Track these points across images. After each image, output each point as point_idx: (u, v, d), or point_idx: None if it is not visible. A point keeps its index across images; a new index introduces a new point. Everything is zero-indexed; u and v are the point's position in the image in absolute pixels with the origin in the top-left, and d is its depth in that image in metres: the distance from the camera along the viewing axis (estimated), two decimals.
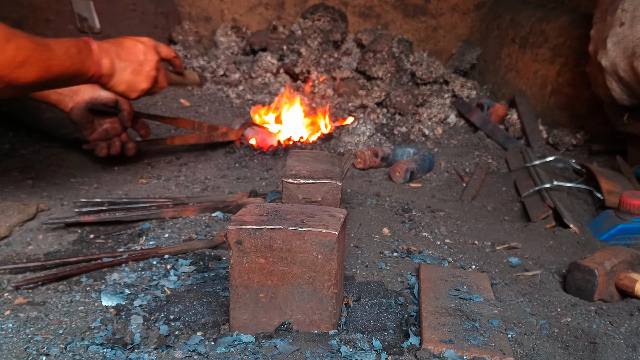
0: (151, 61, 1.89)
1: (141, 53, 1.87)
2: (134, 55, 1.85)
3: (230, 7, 3.73)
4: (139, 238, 1.66)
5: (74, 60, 1.66)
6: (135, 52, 1.86)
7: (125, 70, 1.82)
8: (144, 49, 1.88)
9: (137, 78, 1.86)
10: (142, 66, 1.86)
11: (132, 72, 1.84)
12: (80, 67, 1.70)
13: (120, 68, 1.81)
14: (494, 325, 1.21)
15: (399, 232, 1.77)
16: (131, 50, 1.85)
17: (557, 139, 2.83)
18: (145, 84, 1.89)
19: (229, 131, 2.46)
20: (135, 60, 1.85)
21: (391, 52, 3.31)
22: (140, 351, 1.12)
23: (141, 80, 1.87)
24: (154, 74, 1.90)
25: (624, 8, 2.20)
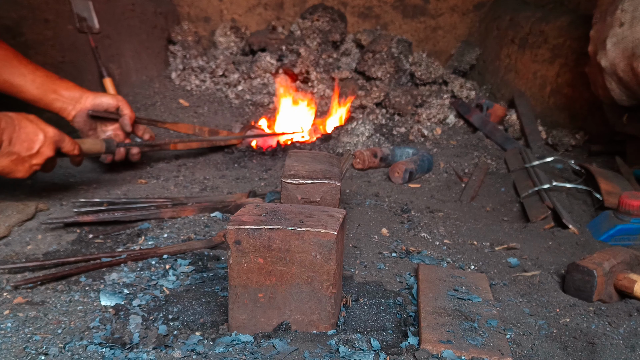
0: (42, 156, 1.76)
1: (37, 144, 1.74)
2: (27, 145, 1.73)
3: (229, 7, 3.73)
4: (138, 238, 1.66)
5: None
6: (30, 143, 1.73)
7: (7, 157, 1.69)
8: (42, 141, 1.75)
9: (16, 167, 1.72)
10: (30, 158, 1.73)
11: (12, 161, 1.70)
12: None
13: (4, 153, 1.68)
14: (493, 326, 1.21)
15: (398, 233, 1.78)
16: (27, 138, 1.73)
17: (556, 139, 2.83)
18: (20, 174, 1.74)
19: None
20: (25, 150, 1.72)
21: (390, 52, 3.31)
22: (139, 351, 1.12)
23: (19, 170, 1.73)
24: (37, 168, 1.76)
25: (624, 8, 2.20)
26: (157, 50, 3.34)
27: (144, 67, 3.20)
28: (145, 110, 2.97)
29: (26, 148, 1.71)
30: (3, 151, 1.67)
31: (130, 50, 3.12)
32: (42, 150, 1.74)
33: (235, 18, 3.74)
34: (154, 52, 3.30)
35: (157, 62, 3.32)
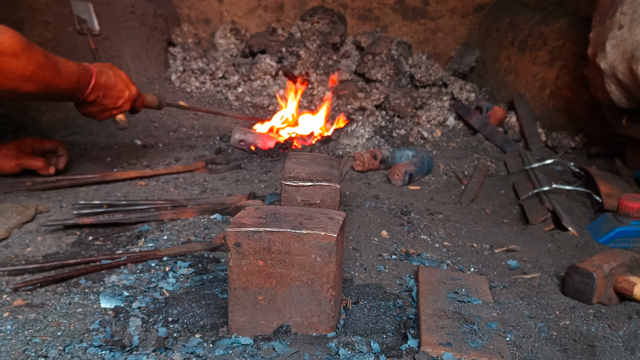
0: (121, 109, 2.09)
1: (122, 101, 2.06)
2: (115, 101, 2.04)
3: (229, 9, 3.73)
4: (138, 240, 1.66)
5: (72, 86, 1.84)
6: (117, 99, 2.05)
7: (97, 107, 2.02)
8: (126, 98, 2.07)
9: (100, 114, 2.06)
10: (112, 109, 2.07)
11: (99, 111, 2.04)
12: (73, 94, 1.89)
13: (97, 104, 2.00)
14: (493, 328, 1.21)
15: (398, 235, 1.78)
16: (116, 95, 2.04)
17: (556, 141, 2.83)
18: (98, 118, 2.08)
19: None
20: (112, 104, 2.04)
21: (390, 54, 3.31)
22: (139, 353, 1.12)
23: (100, 116, 2.07)
24: (112, 116, 2.11)
25: (623, 11, 2.20)
26: (157, 52, 3.34)
27: (144, 69, 3.20)
28: (145, 112, 2.97)
29: (113, 103, 2.03)
30: (97, 102, 1.98)
31: (130, 52, 3.12)
32: (124, 105, 2.07)
33: (235, 20, 3.74)
34: (154, 54, 3.30)
35: (157, 64, 3.33)
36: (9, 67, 1.60)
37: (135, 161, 2.39)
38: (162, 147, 2.62)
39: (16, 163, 2.01)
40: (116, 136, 2.70)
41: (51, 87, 1.74)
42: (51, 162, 2.10)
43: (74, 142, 2.52)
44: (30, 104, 2.62)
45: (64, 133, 2.62)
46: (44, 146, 2.10)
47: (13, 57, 1.60)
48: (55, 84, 1.75)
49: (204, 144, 2.70)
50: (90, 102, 1.98)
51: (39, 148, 2.09)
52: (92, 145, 2.55)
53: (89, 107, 2.01)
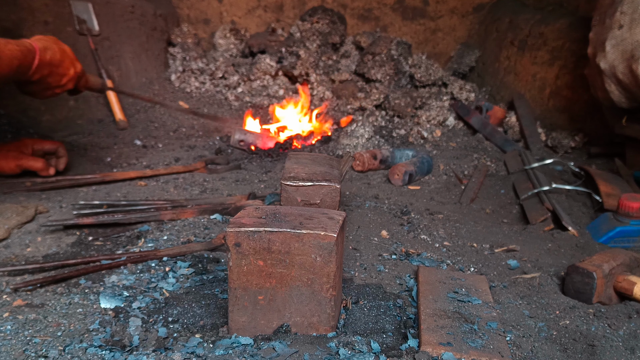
0: (64, 88, 2.02)
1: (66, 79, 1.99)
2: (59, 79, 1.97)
3: (229, 9, 3.73)
4: (138, 240, 1.66)
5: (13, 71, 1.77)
6: (61, 77, 1.97)
7: (40, 85, 1.94)
8: (71, 76, 2.00)
9: (41, 93, 1.98)
10: (55, 88, 1.99)
11: (42, 89, 1.97)
12: (15, 78, 1.82)
13: (40, 82, 1.92)
14: (493, 328, 1.21)
15: (398, 235, 1.78)
16: (61, 72, 1.96)
17: (555, 141, 2.83)
18: (39, 97, 2.01)
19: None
20: (55, 82, 1.97)
21: (390, 54, 3.31)
22: (139, 353, 1.12)
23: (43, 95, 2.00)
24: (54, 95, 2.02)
25: (623, 11, 2.20)
26: (157, 52, 3.34)
27: (143, 69, 3.20)
28: (145, 112, 2.97)
29: (57, 81, 1.96)
30: (40, 81, 1.91)
31: (129, 52, 3.12)
32: (67, 84, 2.00)
33: (235, 20, 3.74)
34: (154, 54, 3.30)
35: (156, 64, 3.33)
36: None
37: (135, 161, 2.39)
38: (161, 148, 2.62)
39: (16, 164, 2.01)
40: (116, 136, 2.70)
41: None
42: (51, 163, 2.10)
43: (73, 143, 2.52)
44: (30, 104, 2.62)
45: (64, 133, 2.62)
46: (44, 147, 2.10)
47: None
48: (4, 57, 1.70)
49: (204, 144, 2.70)
50: (33, 82, 1.91)
51: (39, 149, 2.09)
52: (92, 145, 2.55)
53: (30, 86, 1.94)
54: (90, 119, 2.81)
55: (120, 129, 2.78)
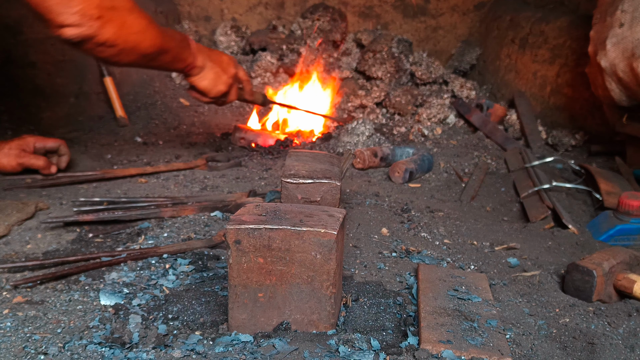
0: (231, 72, 2.15)
1: (225, 63, 2.14)
2: (220, 62, 2.12)
3: (230, 6, 3.73)
4: (138, 237, 1.66)
5: (178, 44, 1.93)
6: (221, 60, 2.13)
7: (211, 70, 2.08)
8: (227, 60, 2.15)
9: (218, 79, 2.11)
10: (224, 72, 2.12)
11: (215, 74, 2.10)
12: (181, 53, 1.96)
13: (208, 66, 2.07)
14: (493, 326, 1.21)
15: (398, 232, 1.78)
16: (218, 57, 2.13)
17: (556, 139, 2.83)
18: (222, 87, 2.14)
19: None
20: (220, 65, 2.11)
21: (391, 52, 3.30)
22: (139, 350, 1.12)
23: (221, 82, 2.13)
24: (231, 82, 2.16)
25: (624, 9, 2.20)
26: None
27: None
28: (145, 109, 2.97)
29: (219, 64, 2.12)
30: (206, 64, 2.08)
31: None
32: (229, 68, 2.16)
33: (236, 17, 3.74)
34: None
35: None
36: (128, 21, 1.69)
37: (135, 158, 2.40)
38: (162, 145, 2.62)
39: (18, 162, 2.01)
40: (116, 133, 2.70)
41: (162, 44, 1.83)
42: (53, 161, 2.10)
43: (74, 139, 2.52)
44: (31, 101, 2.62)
45: (65, 130, 2.62)
46: (45, 145, 2.10)
47: (129, 12, 1.70)
48: (164, 40, 1.84)
49: (205, 141, 2.70)
50: (200, 67, 2.06)
51: (40, 147, 2.08)
52: (93, 142, 2.55)
53: (203, 72, 2.08)
54: (91, 115, 2.81)
55: (120, 125, 2.78)
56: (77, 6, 1.55)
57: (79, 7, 1.55)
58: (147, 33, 1.77)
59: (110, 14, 1.63)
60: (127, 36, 1.70)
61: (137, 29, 1.73)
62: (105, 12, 1.61)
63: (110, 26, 1.64)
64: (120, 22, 1.67)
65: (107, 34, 1.64)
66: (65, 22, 1.57)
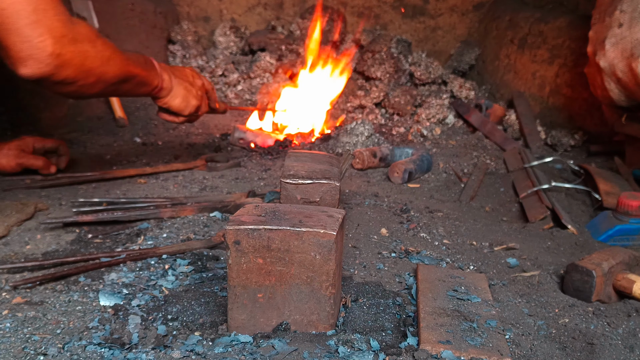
0: (198, 83, 2.07)
1: (190, 75, 2.05)
2: (185, 76, 2.03)
3: (229, 7, 3.73)
4: (137, 238, 1.66)
5: (143, 67, 1.81)
6: (185, 74, 2.04)
7: (179, 86, 1.98)
8: (191, 72, 2.07)
9: (189, 94, 2.01)
10: (192, 85, 2.03)
11: (185, 89, 2.00)
12: (147, 76, 1.83)
13: (175, 83, 1.96)
14: (492, 326, 1.21)
15: (397, 233, 1.78)
16: (181, 72, 2.03)
17: (555, 139, 2.83)
18: (195, 101, 2.03)
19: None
20: (186, 79, 2.02)
21: (390, 52, 3.31)
22: (138, 351, 1.12)
23: (192, 97, 2.03)
24: (201, 94, 2.08)
25: (623, 9, 2.20)
26: (157, 50, 3.34)
27: None
28: (144, 109, 2.97)
29: (185, 79, 2.03)
30: (174, 82, 1.97)
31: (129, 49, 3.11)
32: (195, 80, 2.07)
33: (234, 18, 3.74)
34: (154, 52, 3.30)
35: None
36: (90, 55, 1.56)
37: (134, 159, 2.39)
38: (161, 145, 2.62)
39: (17, 162, 2.01)
40: (115, 134, 2.70)
41: (128, 69, 1.72)
42: (52, 161, 2.10)
43: (73, 140, 2.52)
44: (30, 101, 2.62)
45: (64, 131, 2.62)
46: (45, 145, 2.10)
47: (91, 44, 1.56)
48: (130, 65, 1.74)
49: (204, 142, 2.70)
50: (168, 88, 1.96)
51: (40, 147, 2.08)
52: (92, 143, 2.55)
53: (173, 91, 1.99)
54: (90, 116, 2.81)
55: (119, 126, 2.78)
56: (35, 39, 1.42)
57: (37, 41, 1.42)
58: (110, 63, 1.63)
59: (71, 49, 1.49)
60: (88, 71, 1.56)
61: (98, 62, 1.59)
62: (64, 48, 1.47)
63: (69, 64, 1.50)
64: (80, 59, 1.53)
65: (66, 73, 1.51)
66: (22, 60, 1.45)
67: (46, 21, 1.42)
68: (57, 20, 1.45)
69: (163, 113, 2.06)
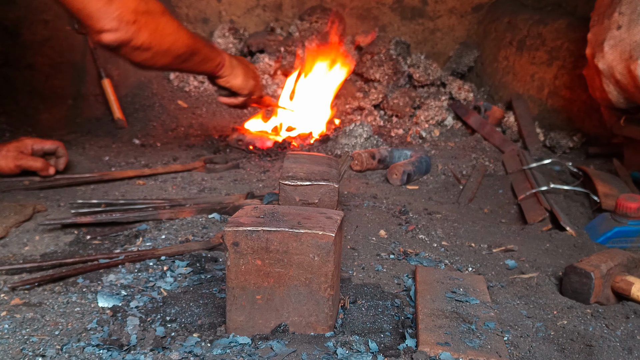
0: (252, 66, 2.26)
1: (244, 60, 2.24)
2: (240, 59, 2.22)
3: (227, 8, 3.73)
4: (136, 239, 1.66)
5: (206, 44, 2.03)
6: (240, 58, 2.23)
7: (238, 67, 2.16)
8: (244, 59, 2.27)
9: (248, 75, 2.20)
10: (248, 69, 2.23)
11: (243, 70, 2.18)
12: (210, 53, 2.04)
13: (235, 64, 2.15)
14: (490, 328, 1.21)
15: (396, 234, 1.78)
16: (236, 57, 2.21)
17: (554, 141, 2.84)
18: (253, 81, 2.23)
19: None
20: (242, 62, 2.22)
21: (389, 54, 3.31)
22: (137, 352, 1.12)
23: (250, 77, 2.22)
24: (258, 76, 2.28)
25: (621, 11, 2.20)
26: None
27: None
28: (143, 111, 2.97)
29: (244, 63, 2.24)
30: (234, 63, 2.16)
31: None
32: (251, 66, 2.30)
33: (233, 19, 3.74)
34: None
35: None
36: (161, 24, 1.78)
37: (133, 160, 2.39)
38: (160, 147, 2.62)
39: (16, 164, 2.01)
40: (114, 135, 2.70)
41: (194, 44, 1.92)
42: (51, 162, 2.10)
43: (72, 141, 2.52)
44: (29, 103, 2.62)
45: (62, 132, 2.62)
46: (43, 147, 2.09)
47: (161, 15, 1.79)
48: (195, 41, 1.94)
49: (202, 143, 2.70)
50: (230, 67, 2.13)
51: (38, 149, 2.08)
52: (90, 144, 2.55)
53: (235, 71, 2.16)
54: (89, 117, 2.81)
55: (118, 127, 2.78)
56: (114, 12, 1.63)
57: (116, 13, 1.64)
58: (179, 35, 1.85)
59: (145, 18, 1.71)
60: (161, 38, 1.78)
61: (170, 31, 1.81)
62: (140, 17, 1.69)
63: (145, 30, 1.72)
64: (154, 26, 1.75)
65: (142, 38, 1.72)
66: (104, 28, 1.65)
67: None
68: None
69: (222, 96, 2.27)
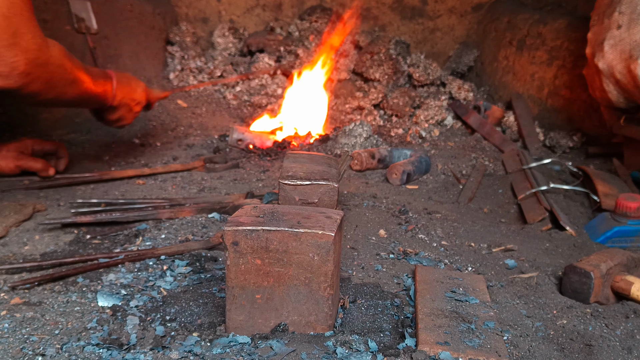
0: (140, 105, 2.24)
1: (137, 98, 2.21)
2: (132, 99, 2.18)
3: (227, 8, 3.73)
4: (136, 239, 1.66)
5: (102, 88, 1.99)
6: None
7: (123, 108, 2.15)
8: (140, 94, 2.23)
9: (127, 115, 2.20)
10: (133, 109, 2.21)
11: (126, 110, 2.17)
12: (101, 96, 2.00)
13: (121, 102, 2.13)
14: (490, 327, 1.21)
15: (396, 234, 1.78)
16: (134, 93, 2.19)
17: (553, 141, 2.84)
18: (126, 122, 2.23)
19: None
20: (131, 102, 2.18)
21: (388, 53, 3.31)
22: (136, 352, 1.12)
23: (129, 118, 2.22)
24: (136, 114, 2.26)
25: (621, 11, 2.20)
26: (155, 51, 3.34)
27: (142, 68, 3.20)
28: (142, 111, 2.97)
29: (131, 102, 2.19)
30: (121, 103, 2.13)
31: (128, 50, 3.12)
32: (140, 103, 2.24)
33: (233, 19, 3.74)
34: (152, 53, 3.30)
35: (155, 63, 3.32)
36: (55, 77, 1.72)
37: (133, 160, 2.39)
38: (160, 146, 2.62)
39: (16, 165, 2.01)
40: (114, 135, 2.70)
41: (86, 89, 1.87)
42: (51, 163, 2.09)
43: (71, 141, 2.52)
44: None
45: (62, 132, 2.61)
46: (44, 147, 2.09)
47: (60, 68, 1.73)
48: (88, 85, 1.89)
49: (202, 142, 2.69)
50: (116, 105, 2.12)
51: (39, 149, 2.08)
52: (90, 144, 2.55)
53: (115, 113, 2.15)
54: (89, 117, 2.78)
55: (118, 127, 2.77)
56: (11, 58, 1.55)
57: (12, 60, 1.55)
58: (73, 86, 1.81)
59: (40, 70, 1.64)
60: (51, 89, 1.72)
61: (62, 83, 1.75)
62: (35, 69, 1.62)
63: (36, 82, 1.65)
64: (47, 78, 1.68)
65: (31, 89, 1.65)
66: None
67: (23, 44, 1.56)
68: (33, 44, 1.59)
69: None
